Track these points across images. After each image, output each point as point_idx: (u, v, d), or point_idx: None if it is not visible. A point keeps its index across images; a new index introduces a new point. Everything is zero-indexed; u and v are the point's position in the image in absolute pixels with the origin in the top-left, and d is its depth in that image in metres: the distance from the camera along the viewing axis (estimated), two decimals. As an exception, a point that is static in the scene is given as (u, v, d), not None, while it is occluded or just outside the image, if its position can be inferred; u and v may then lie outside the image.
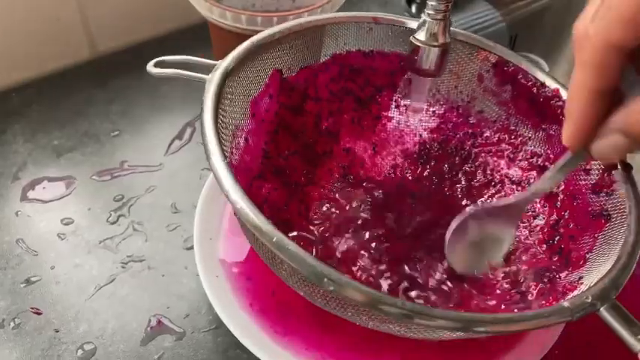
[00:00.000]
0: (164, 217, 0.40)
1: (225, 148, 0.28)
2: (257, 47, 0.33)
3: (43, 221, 0.39)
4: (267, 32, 0.33)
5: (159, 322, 0.34)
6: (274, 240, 0.23)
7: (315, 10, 0.41)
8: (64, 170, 0.43)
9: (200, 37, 0.49)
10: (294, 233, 0.33)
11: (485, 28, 0.55)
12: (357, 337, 0.30)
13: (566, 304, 0.23)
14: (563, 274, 0.30)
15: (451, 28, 0.35)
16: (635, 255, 0.26)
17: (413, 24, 0.36)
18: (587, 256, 0.29)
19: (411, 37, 0.35)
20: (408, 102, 0.39)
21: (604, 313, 0.23)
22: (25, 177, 0.42)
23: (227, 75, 0.30)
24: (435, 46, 0.34)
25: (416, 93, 0.39)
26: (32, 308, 0.34)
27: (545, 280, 0.30)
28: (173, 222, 0.39)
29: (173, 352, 0.33)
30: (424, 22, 0.34)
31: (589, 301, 0.23)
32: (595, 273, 0.27)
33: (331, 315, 0.27)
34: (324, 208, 0.35)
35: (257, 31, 0.37)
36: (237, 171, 0.31)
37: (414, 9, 0.59)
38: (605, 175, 0.31)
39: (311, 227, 0.33)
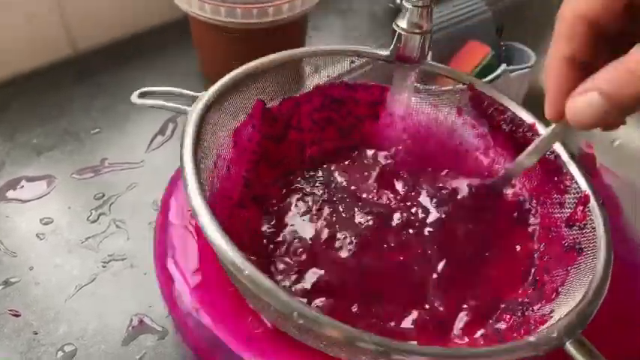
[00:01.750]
0: (146, 215, 0.40)
1: (203, 179, 0.29)
2: (240, 79, 0.33)
3: (23, 222, 0.39)
4: (250, 65, 0.34)
5: (140, 321, 0.34)
6: (246, 273, 0.23)
7: (296, 2, 0.42)
8: (44, 169, 0.43)
9: (181, 33, 0.50)
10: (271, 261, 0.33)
11: (471, 18, 0.54)
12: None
13: (532, 339, 0.24)
14: (536, 307, 0.30)
15: (433, 63, 0.36)
16: (601, 291, 0.26)
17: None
18: (560, 289, 0.30)
19: (393, 24, 0.35)
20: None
21: (569, 347, 0.24)
22: (3, 177, 0.42)
23: (209, 107, 0.31)
24: (416, 34, 0.35)
25: (398, 85, 0.39)
26: (10, 310, 0.34)
27: (519, 312, 0.31)
28: (155, 219, 0.39)
29: (155, 351, 0.33)
30: (406, 8, 0.34)
31: (554, 335, 0.24)
32: (565, 306, 0.27)
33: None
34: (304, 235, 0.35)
35: (236, 23, 0.39)
36: (217, 198, 0.32)
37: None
38: (578, 209, 0.32)
39: (287, 259, 0.33)
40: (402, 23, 0.35)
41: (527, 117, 0.35)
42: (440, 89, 0.39)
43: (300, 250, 0.33)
